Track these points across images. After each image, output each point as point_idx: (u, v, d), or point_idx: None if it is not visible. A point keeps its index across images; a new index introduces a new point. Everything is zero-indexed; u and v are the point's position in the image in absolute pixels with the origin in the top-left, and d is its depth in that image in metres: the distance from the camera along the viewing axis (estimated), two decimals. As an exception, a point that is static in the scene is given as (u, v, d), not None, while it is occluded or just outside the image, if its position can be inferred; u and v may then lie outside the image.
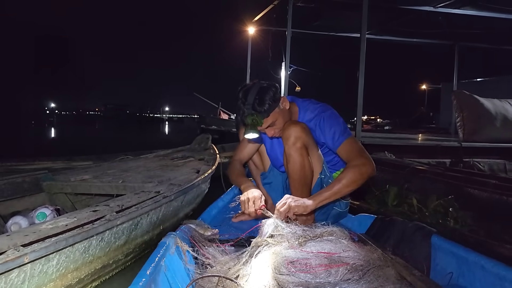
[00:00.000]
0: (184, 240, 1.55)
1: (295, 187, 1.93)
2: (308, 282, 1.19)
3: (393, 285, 1.20)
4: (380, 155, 4.62)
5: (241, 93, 1.85)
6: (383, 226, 1.84)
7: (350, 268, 1.24)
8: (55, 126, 33.82)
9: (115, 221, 1.70)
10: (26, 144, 14.02)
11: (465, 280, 1.31)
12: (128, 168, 3.29)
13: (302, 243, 1.43)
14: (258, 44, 11.43)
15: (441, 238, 1.50)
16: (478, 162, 4.86)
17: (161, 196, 2.15)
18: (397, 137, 7.64)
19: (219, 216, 2.34)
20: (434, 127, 16.35)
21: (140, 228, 2.06)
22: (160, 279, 1.25)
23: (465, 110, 5.48)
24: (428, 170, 3.26)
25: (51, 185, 2.75)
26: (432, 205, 2.78)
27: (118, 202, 1.92)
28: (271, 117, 1.85)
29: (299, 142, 1.84)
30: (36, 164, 3.59)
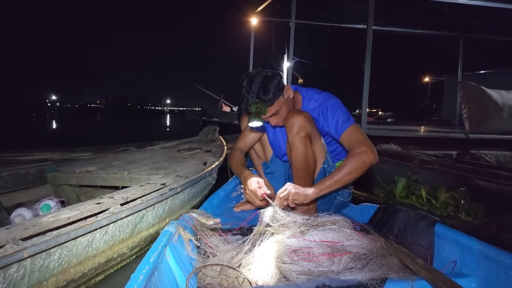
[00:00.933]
0: (186, 229, 1.54)
1: (298, 176, 1.92)
2: (311, 271, 1.18)
3: (396, 273, 1.20)
4: (386, 146, 4.57)
5: (245, 81, 1.83)
6: (386, 215, 1.82)
7: (353, 257, 1.24)
8: (57, 118, 33.76)
9: (119, 214, 1.65)
10: (27, 136, 13.98)
11: (468, 268, 1.30)
12: (134, 159, 3.25)
13: (304, 231, 1.43)
14: (261, 35, 11.32)
15: (444, 226, 1.48)
16: (485, 154, 4.81)
17: (167, 188, 2.10)
18: (402, 128, 7.55)
19: (221, 206, 2.33)
20: (437, 119, 16.25)
21: (146, 221, 2.01)
22: (163, 267, 1.24)
23: (471, 101, 5.38)
24: (437, 162, 3.19)
25: (56, 176, 2.71)
26: (443, 197, 2.72)
27: (123, 194, 1.86)
28: (275, 106, 1.84)
29: (303, 131, 1.83)
30: (35, 155, 3.53)
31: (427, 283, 1.16)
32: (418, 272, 1.20)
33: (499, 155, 4.90)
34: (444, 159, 3.33)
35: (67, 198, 2.68)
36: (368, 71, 5.30)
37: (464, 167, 2.97)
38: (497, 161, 4.80)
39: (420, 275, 1.18)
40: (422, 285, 1.17)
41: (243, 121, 2.52)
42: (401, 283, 1.16)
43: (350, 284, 1.11)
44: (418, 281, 1.17)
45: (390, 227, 1.72)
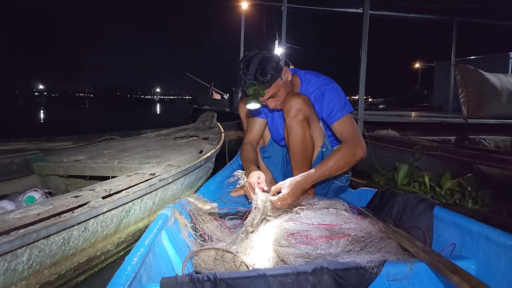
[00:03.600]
0: (182, 214, 1.51)
1: (296, 160, 1.88)
2: (309, 254, 1.18)
3: (395, 256, 1.19)
4: (384, 132, 4.43)
5: (243, 63, 1.77)
6: (384, 199, 1.78)
7: (352, 240, 1.24)
8: (44, 107, 33.17)
9: (100, 208, 1.47)
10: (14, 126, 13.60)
11: (468, 251, 1.28)
12: (127, 148, 3.10)
13: (299, 212, 1.43)
14: (252, 20, 11.07)
15: (444, 209, 1.45)
16: (483, 139, 4.69)
17: (156, 179, 1.92)
18: (398, 114, 7.43)
19: (218, 191, 2.28)
20: (428, 105, 16.23)
21: (133, 215, 1.83)
22: (159, 250, 1.22)
23: (469, 85, 5.24)
24: (440, 147, 3.05)
25: (42, 166, 2.55)
26: (448, 184, 2.58)
27: (106, 186, 1.68)
28: (273, 88, 1.79)
29: (301, 115, 1.80)
30: (9, 146, 3.32)
31: (426, 265, 1.14)
32: (417, 255, 1.18)
33: (498, 140, 4.78)
34: (447, 145, 3.20)
35: (55, 189, 2.51)
36: (365, 57, 5.11)
37: (469, 152, 2.83)
38: (496, 146, 4.69)
39: (419, 257, 1.17)
40: (421, 267, 1.16)
41: (242, 109, 2.49)
42: (400, 265, 1.15)
43: (348, 266, 1.10)
44: (417, 263, 1.16)
45: (388, 210, 1.68)
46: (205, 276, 0.99)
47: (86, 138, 3.87)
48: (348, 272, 1.09)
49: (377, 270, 1.11)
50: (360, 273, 1.10)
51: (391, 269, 1.14)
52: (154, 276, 1.09)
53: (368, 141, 3.70)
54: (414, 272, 1.15)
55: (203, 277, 0.99)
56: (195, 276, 0.99)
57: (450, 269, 1.02)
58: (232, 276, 1.02)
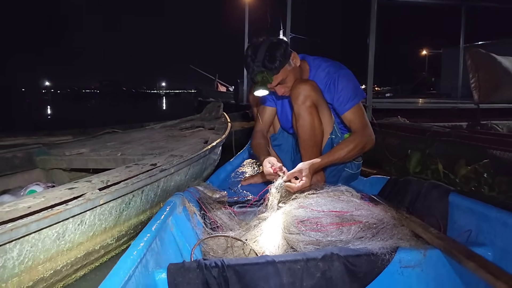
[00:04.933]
0: (191, 201, 1.51)
1: (305, 148, 1.85)
2: (319, 241, 1.17)
3: (408, 242, 1.16)
4: (393, 119, 4.31)
5: (250, 50, 1.75)
6: (397, 187, 1.73)
7: (363, 227, 1.21)
8: (50, 104, 33.31)
9: (96, 200, 1.38)
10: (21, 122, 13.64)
11: (484, 237, 1.23)
12: (131, 139, 3.04)
13: (308, 195, 1.42)
14: (256, 10, 10.92)
15: (459, 195, 1.41)
16: (496, 125, 4.55)
17: (157, 170, 1.84)
18: (407, 101, 7.28)
19: (228, 180, 2.28)
20: (435, 92, 16.01)
21: (134, 207, 1.75)
22: (166, 237, 1.22)
23: (480, 69, 5.07)
24: (453, 133, 2.94)
25: (45, 160, 2.49)
26: (463, 171, 2.47)
27: (104, 177, 1.60)
28: (281, 74, 1.76)
29: (309, 101, 1.77)
30: (8, 141, 3.26)
31: (440, 251, 1.11)
32: (431, 241, 1.14)
33: (511, 124, 4.64)
34: (460, 130, 3.08)
35: (59, 183, 2.43)
36: (373, 44, 4.97)
37: (484, 137, 2.72)
38: (510, 131, 4.55)
39: (433, 244, 1.13)
40: (435, 254, 1.13)
41: (252, 99, 2.51)
42: (413, 252, 1.13)
43: (360, 253, 1.08)
44: (431, 250, 1.13)
45: (401, 198, 1.63)
46: (213, 263, 0.99)
47: (87, 132, 3.80)
48: (359, 259, 1.07)
49: (389, 257, 1.09)
50: (371, 260, 1.07)
51: (403, 255, 1.11)
52: (162, 262, 1.08)
53: (377, 129, 3.59)
54: (428, 259, 1.12)
55: (210, 263, 0.99)
56: (202, 262, 0.98)
57: (466, 255, 0.98)
58: (240, 262, 1.01)
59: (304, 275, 1.03)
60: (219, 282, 0.99)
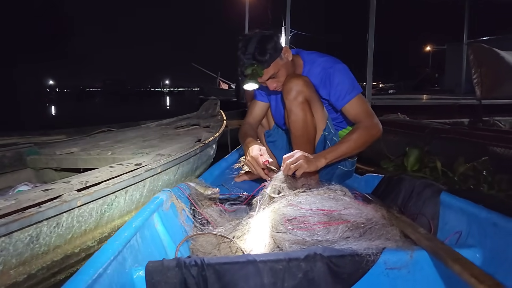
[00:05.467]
0: (180, 198, 1.48)
1: (297, 144, 1.80)
2: (305, 240, 1.15)
3: (395, 243, 1.14)
4: (393, 116, 4.24)
5: (242, 42, 1.74)
6: (390, 185, 1.72)
7: (351, 226, 1.19)
8: (56, 103, 33.43)
9: (73, 201, 1.33)
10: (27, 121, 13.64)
11: (474, 239, 1.21)
12: (124, 138, 2.97)
13: (298, 193, 1.40)
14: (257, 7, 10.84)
15: (451, 195, 1.39)
16: (498, 121, 4.47)
17: (142, 169, 1.78)
18: (408, 97, 7.19)
19: (221, 177, 2.25)
20: (439, 89, 15.88)
21: (117, 208, 1.69)
22: (149, 234, 1.19)
23: (483, 65, 4.98)
24: (453, 130, 2.87)
25: (36, 159, 2.43)
26: (461, 168, 2.40)
27: (83, 178, 1.55)
28: (272, 68, 1.74)
29: (301, 97, 1.72)
30: (1, 140, 3.22)
31: (427, 253, 1.09)
32: (418, 242, 1.13)
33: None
34: (460, 127, 3.01)
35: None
36: (372, 40, 4.88)
37: (483, 134, 2.65)
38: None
39: (420, 245, 1.11)
40: (422, 256, 1.10)
41: (248, 94, 2.55)
42: (399, 253, 1.09)
43: (344, 253, 1.05)
44: (418, 251, 1.10)
45: (394, 197, 1.61)
46: (193, 261, 0.97)
47: (82, 130, 3.76)
48: (343, 259, 1.04)
49: (374, 258, 1.05)
50: (356, 261, 1.04)
51: (389, 256, 1.08)
52: (142, 260, 1.05)
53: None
54: (415, 260, 1.09)
55: (190, 261, 0.97)
56: (182, 261, 0.96)
57: (452, 257, 0.96)
58: (221, 261, 0.99)
59: (286, 276, 1.00)
60: (197, 281, 0.96)
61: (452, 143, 2.85)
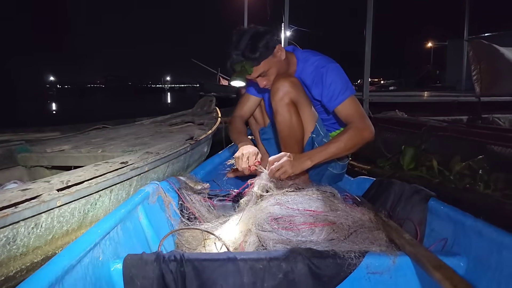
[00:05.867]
0: (168, 192, 1.46)
1: (285, 145, 1.81)
2: (289, 240, 1.15)
3: (379, 247, 1.12)
4: (391, 113, 4.19)
5: (235, 37, 1.69)
6: (381, 188, 1.69)
7: (336, 228, 1.19)
8: (56, 99, 33.39)
9: (52, 201, 1.29)
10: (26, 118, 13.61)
11: (459, 247, 1.19)
12: (117, 135, 2.93)
13: (287, 192, 1.40)
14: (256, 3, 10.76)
15: (439, 201, 1.37)
16: (498, 118, 4.42)
17: (128, 168, 1.74)
18: (406, 94, 7.12)
19: (213, 172, 2.24)
20: (440, 85, 15.80)
21: (102, 207, 1.65)
22: (132, 227, 1.17)
23: (482, 61, 4.92)
24: (449, 128, 2.82)
25: (27, 157, 2.38)
26: (457, 167, 2.35)
27: (65, 177, 1.50)
28: (263, 66, 1.70)
29: (287, 98, 1.71)
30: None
31: (410, 259, 1.07)
32: (402, 248, 1.11)
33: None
34: (457, 125, 2.96)
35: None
36: (370, 37, 4.82)
37: (481, 132, 2.60)
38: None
39: (404, 251, 1.09)
40: (405, 261, 1.07)
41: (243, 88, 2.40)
42: (382, 258, 1.07)
43: (326, 255, 1.03)
44: (401, 257, 1.08)
45: (383, 200, 1.59)
46: (172, 256, 0.95)
47: (77, 127, 3.72)
48: (325, 261, 1.02)
49: (356, 261, 1.03)
50: (337, 263, 1.02)
51: (372, 261, 1.06)
52: (122, 253, 1.02)
53: (373, 123, 3.48)
54: (398, 266, 1.07)
55: (169, 256, 0.95)
56: (161, 255, 0.95)
57: (434, 265, 0.94)
58: (201, 257, 0.98)
59: (266, 275, 0.99)
60: (175, 277, 0.94)
61: (449, 141, 2.80)
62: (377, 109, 4.54)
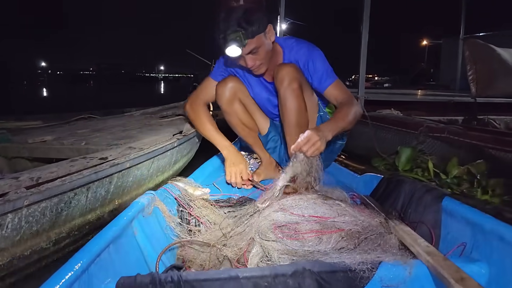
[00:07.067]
0: (166, 200, 1.38)
1: (290, 133, 1.74)
2: (295, 250, 1.07)
3: (393, 256, 1.03)
4: (386, 112, 4.10)
5: (224, 13, 1.59)
6: (390, 187, 1.59)
7: (345, 235, 1.11)
8: (47, 86, 32.89)
9: (19, 201, 1.18)
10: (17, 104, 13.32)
11: (480, 252, 1.09)
12: (104, 127, 2.84)
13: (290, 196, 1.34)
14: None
15: (454, 201, 1.27)
16: (493, 120, 4.35)
17: (107, 164, 1.63)
18: (402, 92, 7.04)
19: (214, 175, 2.06)
20: (434, 84, 15.80)
21: (77, 206, 1.54)
22: (127, 243, 1.09)
23: (478, 61, 4.85)
24: (447, 129, 2.73)
25: (7, 147, 2.28)
26: (455, 171, 2.27)
27: (35, 173, 1.39)
28: (256, 41, 1.60)
29: (295, 83, 1.67)
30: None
31: (428, 269, 0.98)
32: (418, 255, 1.03)
33: (509, 120, 4.43)
34: (455, 126, 2.87)
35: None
36: (367, 32, 4.70)
37: (479, 135, 2.51)
38: (507, 127, 4.34)
39: (420, 259, 1.01)
40: (423, 272, 0.99)
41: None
42: (397, 268, 0.98)
43: (335, 269, 0.95)
44: (418, 267, 0.99)
45: (393, 201, 1.49)
46: (169, 277, 0.88)
47: (61, 116, 3.56)
48: (335, 276, 0.94)
49: (369, 274, 0.95)
50: (348, 277, 0.94)
51: (386, 272, 0.97)
52: (115, 274, 0.95)
53: (368, 122, 3.39)
54: (414, 276, 0.98)
55: (166, 277, 0.88)
56: (156, 277, 0.88)
57: (455, 277, 0.86)
58: (199, 277, 0.90)
59: None
60: None
61: (446, 143, 2.72)
62: (371, 107, 4.44)
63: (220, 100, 1.86)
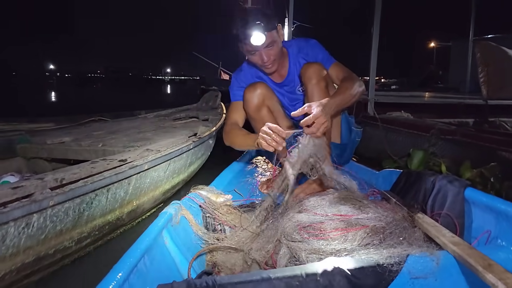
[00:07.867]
0: (191, 209, 1.40)
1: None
2: (322, 249, 1.08)
3: (419, 248, 1.05)
4: (396, 114, 4.10)
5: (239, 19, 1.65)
6: (409, 180, 1.61)
7: (370, 231, 1.12)
8: (56, 88, 33.16)
9: (45, 201, 1.21)
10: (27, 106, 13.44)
11: (505, 239, 1.13)
12: (119, 129, 2.89)
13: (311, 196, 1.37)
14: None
15: (476, 191, 1.30)
16: (505, 122, 4.32)
17: (126, 166, 1.66)
18: (412, 95, 7.02)
19: (234, 181, 2.07)
20: (443, 86, 15.68)
21: (98, 206, 1.58)
22: (159, 252, 1.12)
23: (490, 63, 4.82)
24: (459, 132, 2.73)
25: (26, 148, 2.34)
26: (468, 174, 2.27)
27: (59, 174, 1.42)
28: (272, 35, 1.67)
29: (323, 82, 1.73)
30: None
31: (455, 259, 1.00)
32: (444, 246, 1.04)
33: (520, 123, 4.41)
34: (467, 129, 2.87)
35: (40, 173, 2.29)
36: (377, 33, 4.70)
37: (493, 137, 2.51)
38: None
39: (446, 250, 1.03)
40: (450, 262, 1.01)
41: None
42: (425, 260, 1.00)
43: (364, 265, 0.96)
44: (445, 257, 1.01)
45: (414, 194, 1.51)
46: (204, 282, 0.90)
47: (72, 119, 3.61)
48: (364, 271, 0.95)
49: (397, 267, 0.97)
50: (377, 272, 0.96)
51: (414, 265, 0.99)
52: (152, 283, 0.97)
53: (379, 124, 3.40)
54: (442, 267, 0.99)
55: (201, 283, 0.90)
56: (192, 283, 0.90)
57: (483, 264, 0.88)
58: (233, 280, 0.92)
59: None
60: None
61: (458, 145, 2.72)
62: (381, 109, 4.44)
63: (248, 107, 1.84)
